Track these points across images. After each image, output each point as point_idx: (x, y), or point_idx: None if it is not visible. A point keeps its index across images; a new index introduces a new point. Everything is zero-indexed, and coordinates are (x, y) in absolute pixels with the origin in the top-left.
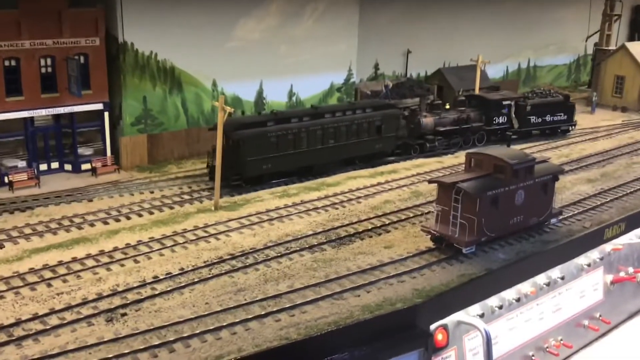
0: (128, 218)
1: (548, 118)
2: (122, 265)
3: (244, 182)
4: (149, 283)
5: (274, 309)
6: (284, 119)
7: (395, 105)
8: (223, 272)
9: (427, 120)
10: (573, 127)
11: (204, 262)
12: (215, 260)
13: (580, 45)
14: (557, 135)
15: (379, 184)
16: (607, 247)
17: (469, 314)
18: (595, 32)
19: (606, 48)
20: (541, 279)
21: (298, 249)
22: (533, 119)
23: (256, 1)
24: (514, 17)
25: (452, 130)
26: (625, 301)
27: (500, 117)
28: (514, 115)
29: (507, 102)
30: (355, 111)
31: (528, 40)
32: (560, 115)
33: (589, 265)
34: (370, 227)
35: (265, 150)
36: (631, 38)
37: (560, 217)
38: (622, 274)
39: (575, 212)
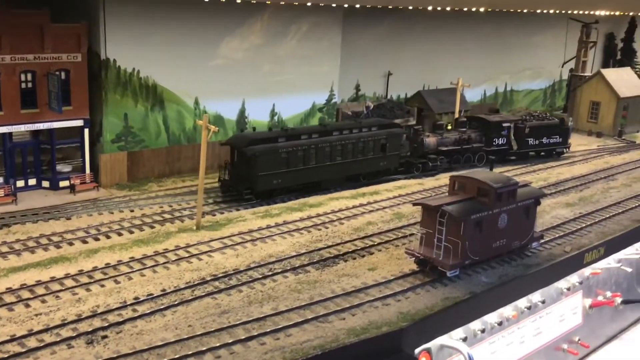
0: (108, 237)
1: (545, 140)
2: (102, 286)
3: (256, 196)
4: (130, 304)
5: (259, 332)
6: (294, 135)
7: (399, 125)
8: (206, 293)
9: (430, 140)
10: (567, 149)
11: (186, 283)
12: (197, 281)
13: (556, 70)
14: (552, 157)
15: (361, 205)
16: (586, 271)
17: (453, 337)
18: (572, 59)
19: (582, 74)
20: (522, 302)
21: (282, 270)
22: (531, 140)
23: (240, 20)
24: (492, 42)
25: (453, 150)
26: (604, 325)
27: (500, 139)
28: (513, 137)
29: (507, 124)
30: (362, 129)
31: (505, 64)
32: (556, 138)
33: (568, 289)
34: (353, 249)
35: (276, 166)
36: (605, 64)
37: (542, 241)
38: (600, 298)
39: (556, 236)
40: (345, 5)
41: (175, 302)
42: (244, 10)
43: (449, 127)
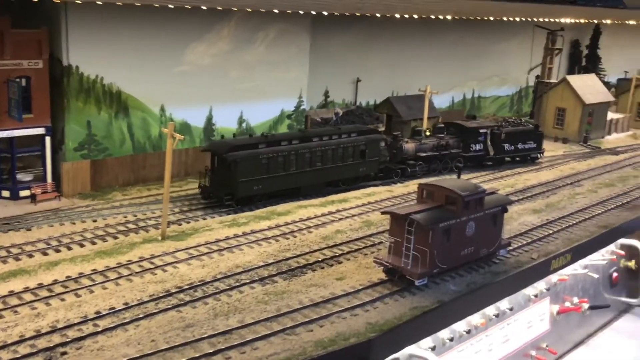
0: (69, 248)
1: (520, 146)
2: (63, 300)
3: (236, 202)
4: (91, 319)
5: (224, 346)
6: (274, 141)
7: (378, 131)
8: (170, 306)
9: (409, 145)
10: (541, 154)
11: (150, 295)
12: (161, 294)
13: (522, 77)
14: (527, 162)
15: (329, 213)
16: (554, 277)
17: (421, 347)
18: (538, 65)
19: (548, 81)
20: (491, 310)
21: (249, 281)
22: (506, 146)
23: (207, 26)
24: (459, 49)
25: (432, 156)
26: (571, 331)
27: (477, 145)
28: (489, 143)
29: (484, 130)
30: (341, 135)
31: (473, 71)
32: (531, 144)
33: (536, 295)
34: (322, 258)
35: (256, 172)
36: (571, 71)
37: (509, 248)
38: (567, 304)
39: (523, 243)
40: (313, 12)
41: (139, 316)
42: (211, 16)
43: (428, 133)
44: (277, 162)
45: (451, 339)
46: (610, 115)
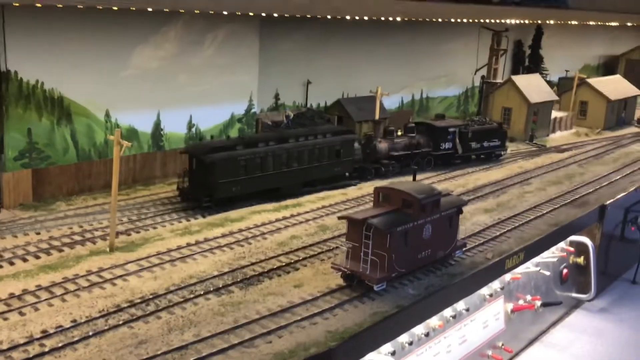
0: (11, 264)
1: (485, 144)
2: (6, 319)
3: (215, 204)
4: (37, 339)
5: None
6: (252, 143)
7: (353, 131)
8: (121, 322)
9: (382, 145)
10: (505, 151)
11: (99, 311)
12: (112, 309)
13: (469, 77)
14: (492, 159)
15: (284, 218)
16: (507, 276)
17: (381, 352)
18: (484, 66)
19: (493, 81)
20: (448, 312)
21: (203, 292)
22: (473, 144)
23: (154, 28)
24: (408, 50)
25: (404, 155)
26: (525, 329)
27: (446, 143)
28: (458, 141)
29: (453, 129)
30: (317, 136)
31: (421, 72)
32: (495, 141)
33: (490, 295)
34: (278, 265)
35: (234, 173)
36: (515, 71)
37: (464, 249)
38: (521, 302)
39: (477, 244)
40: (264, 14)
41: (88, 334)
42: (157, 18)
43: (399, 133)
44: (254, 164)
45: (410, 343)
46: (554, 114)
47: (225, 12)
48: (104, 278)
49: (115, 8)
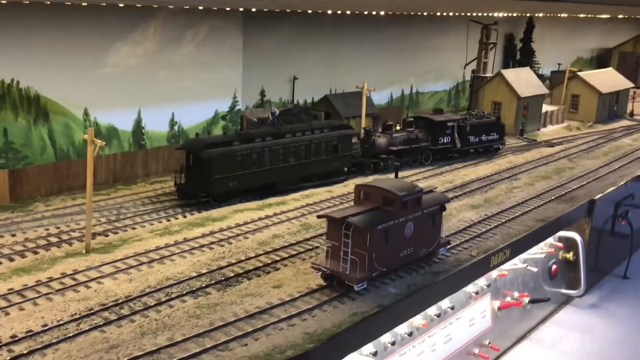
0: None
1: (484, 137)
2: None
3: (212, 199)
4: (6, 344)
5: None
6: (248, 138)
7: (351, 126)
8: (93, 326)
9: (381, 140)
10: (503, 145)
11: (71, 315)
12: (84, 313)
13: (459, 72)
14: (490, 152)
15: (267, 217)
16: (494, 273)
17: (363, 353)
18: (473, 60)
19: (483, 75)
20: (432, 310)
21: (179, 294)
22: (472, 138)
23: (132, 25)
24: (396, 44)
25: (403, 150)
26: (513, 326)
27: (445, 137)
28: (457, 135)
29: (451, 124)
30: (314, 131)
31: (410, 67)
32: (494, 135)
33: (476, 292)
34: (258, 265)
35: (231, 169)
36: (506, 65)
37: (449, 247)
38: (508, 299)
39: (462, 240)
40: (241, 9)
41: (59, 339)
42: (135, 14)
43: (398, 128)
44: (251, 159)
45: (393, 343)
46: (545, 108)
47: (201, 7)
48: (78, 281)
49: (84, 4)
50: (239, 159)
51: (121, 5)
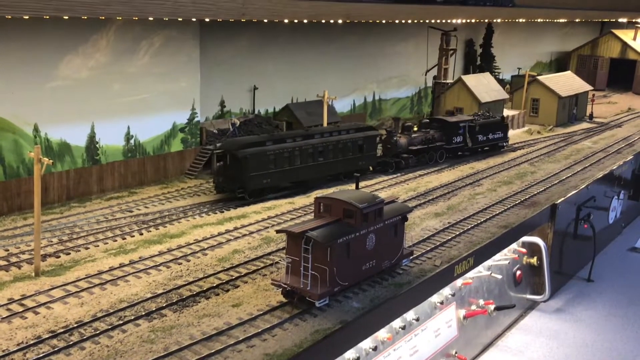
0: None
1: (490, 136)
2: None
3: (248, 195)
4: None
5: None
6: (281, 139)
7: (375, 128)
8: (41, 355)
9: (402, 140)
10: (507, 143)
11: (18, 344)
12: (31, 341)
13: (421, 78)
14: (496, 150)
15: (227, 231)
16: (458, 282)
17: None
18: (434, 66)
19: (444, 81)
20: (397, 323)
21: (133, 317)
22: (480, 137)
23: (82, 37)
24: (357, 52)
25: (421, 149)
26: (479, 334)
27: (458, 137)
28: (467, 135)
29: (463, 124)
30: (341, 132)
31: (372, 74)
32: (499, 134)
33: (442, 302)
34: (217, 283)
35: (265, 167)
36: (467, 71)
37: (412, 257)
38: (474, 307)
39: (426, 250)
40: (194, 20)
41: None
42: (85, 26)
43: (415, 128)
44: (283, 158)
45: (357, 359)
46: (506, 112)
47: (151, 18)
48: (26, 306)
49: (25, 17)
50: (272, 157)
51: (66, 17)
